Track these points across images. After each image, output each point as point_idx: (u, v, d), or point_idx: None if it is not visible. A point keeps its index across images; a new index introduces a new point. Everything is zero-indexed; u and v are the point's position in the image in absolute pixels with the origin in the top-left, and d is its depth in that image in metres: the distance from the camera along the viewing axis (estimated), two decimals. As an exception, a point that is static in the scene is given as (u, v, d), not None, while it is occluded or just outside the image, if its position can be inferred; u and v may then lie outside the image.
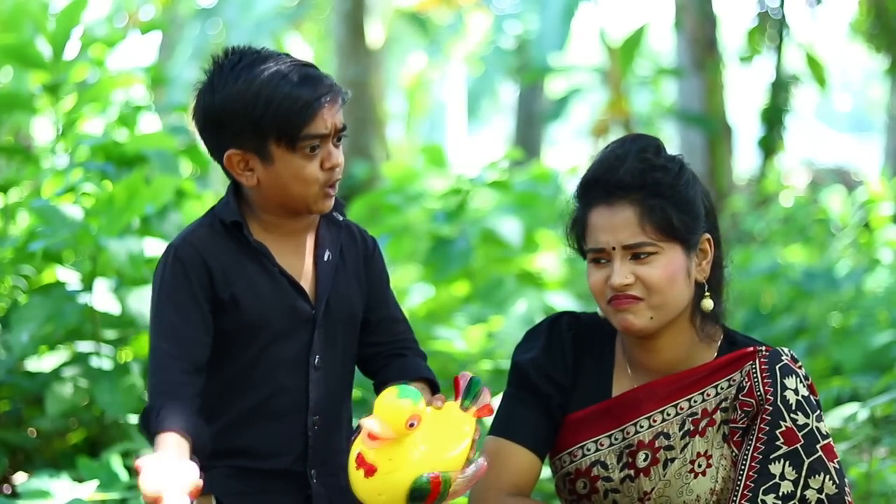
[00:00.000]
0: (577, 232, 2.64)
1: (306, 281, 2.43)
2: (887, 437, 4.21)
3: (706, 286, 2.60)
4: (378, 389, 2.45)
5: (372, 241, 2.56)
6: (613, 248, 2.53)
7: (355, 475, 2.23)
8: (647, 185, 2.53)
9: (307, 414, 2.40)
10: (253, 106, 2.29)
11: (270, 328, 2.37)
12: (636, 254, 2.52)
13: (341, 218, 2.50)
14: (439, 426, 2.29)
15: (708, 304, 2.60)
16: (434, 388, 2.49)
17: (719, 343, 2.64)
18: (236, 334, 2.36)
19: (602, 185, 2.56)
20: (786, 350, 2.57)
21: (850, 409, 4.15)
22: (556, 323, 2.74)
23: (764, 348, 2.58)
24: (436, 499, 2.24)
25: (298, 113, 2.29)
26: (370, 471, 2.21)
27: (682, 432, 2.58)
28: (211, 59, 2.39)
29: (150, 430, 2.24)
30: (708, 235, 2.60)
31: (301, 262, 2.43)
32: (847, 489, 2.50)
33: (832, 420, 4.09)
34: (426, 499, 2.23)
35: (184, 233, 2.41)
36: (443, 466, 2.24)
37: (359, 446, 2.23)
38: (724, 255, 2.67)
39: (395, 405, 2.20)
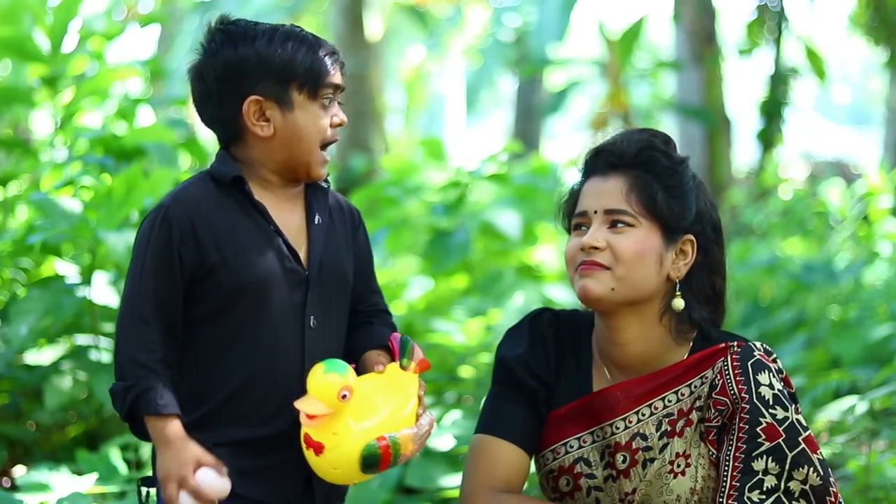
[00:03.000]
0: (569, 204, 2.68)
1: (299, 243, 2.46)
2: (886, 430, 4.21)
3: (678, 285, 2.59)
4: (345, 355, 2.51)
5: (357, 213, 2.63)
6: (595, 212, 2.58)
7: (308, 455, 2.28)
8: (644, 162, 2.58)
9: (304, 376, 2.38)
10: (282, 51, 2.41)
11: (264, 289, 2.39)
12: (615, 221, 2.56)
13: (327, 185, 2.55)
14: (381, 391, 2.34)
15: (678, 303, 2.59)
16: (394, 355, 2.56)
17: (692, 340, 2.64)
18: (230, 296, 2.38)
19: (604, 155, 2.63)
20: (758, 344, 2.57)
21: (848, 401, 4.15)
22: (538, 319, 2.74)
23: (736, 344, 2.57)
24: (390, 461, 2.27)
25: (322, 61, 2.43)
26: (319, 449, 2.26)
27: (659, 433, 2.57)
28: (216, 21, 2.46)
29: (137, 409, 2.33)
30: (691, 237, 2.59)
31: (294, 224, 2.47)
32: (832, 479, 2.50)
33: (831, 413, 4.10)
34: (380, 464, 2.27)
35: (175, 191, 2.44)
36: (389, 429, 2.28)
37: (304, 427, 2.27)
38: (721, 266, 2.66)
39: (323, 381, 2.24)
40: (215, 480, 2.27)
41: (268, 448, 2.40)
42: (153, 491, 2.42)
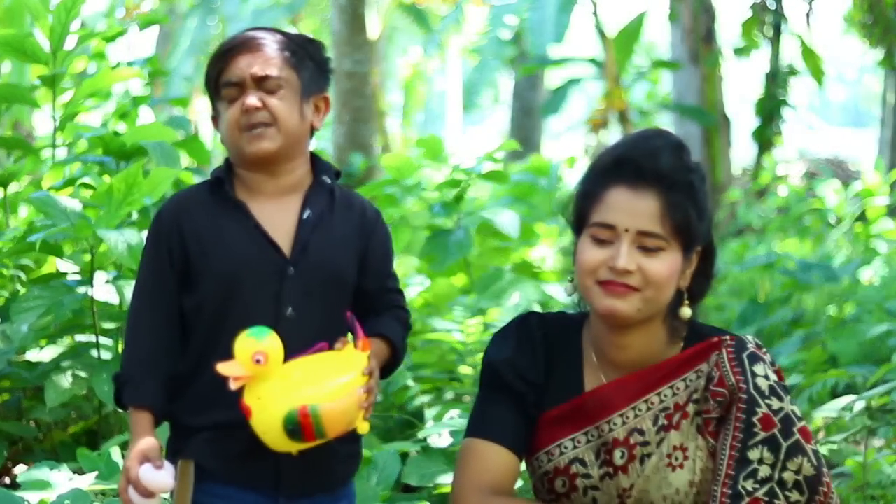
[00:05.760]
0: (585, 205, 2.60)
1: (285, 236, 2.54)
2: (883, 428, 4.22)
3: (684, 294, 2.62)
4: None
5: (374, 213, 2.67)
6: (626, 231, 2.51)
7: (247, 419, 2.34)
8: (679, 182, 2.53)
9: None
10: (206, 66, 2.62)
11: (239, 278, 2.50)
12: (645, 244, 2.52)
13: (329, 181, 2.62)
14: (326, 364, 2.38)
15: (686, 312, 2.61)
16: (393, 347, 2.62)
17: (685, 336, 2.66)
18: (209, 285, 2.51)
19: (634, 167, 2.54)
20: (750, 338, 2.59)
21: (846, 399, 4.16)
22: (525, 323, 2.74)
23: (728, 337, 2.59)
24: (314, 432, 2.30)
25: (213, 65, 2.57)
26: (248, 413, 2.32)
27: (656, 427, 2.59)
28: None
29: (122, 400, 2.51)
30: (699, 248, 2.62)
31: (283, 219, 2.56)
32: (824, 469, 2.53)
33: (828, 411, 4.11)
34: (302, 433, 2.30)
35: (172, 196, 2.64)
36: (312, 399, 2.31)
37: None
38: (713, 267, 2.68)
39: (240, 345, 2.31)
40: (151, 475, 2.38)
41: (246, 437, 2.43)
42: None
